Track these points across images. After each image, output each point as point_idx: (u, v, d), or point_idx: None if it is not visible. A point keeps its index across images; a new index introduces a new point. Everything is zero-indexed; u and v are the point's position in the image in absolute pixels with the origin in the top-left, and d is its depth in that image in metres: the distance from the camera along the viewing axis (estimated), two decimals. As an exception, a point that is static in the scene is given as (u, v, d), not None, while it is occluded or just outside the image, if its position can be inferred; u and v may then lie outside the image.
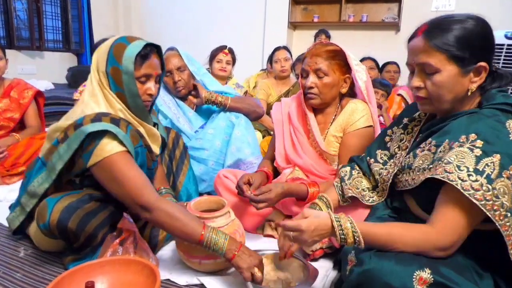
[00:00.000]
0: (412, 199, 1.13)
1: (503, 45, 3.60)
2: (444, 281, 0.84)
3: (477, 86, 1.00)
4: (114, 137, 1.20)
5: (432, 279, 0.84)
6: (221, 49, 2.99)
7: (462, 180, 0.87)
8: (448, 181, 0.88)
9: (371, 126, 1.56)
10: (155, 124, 1.49)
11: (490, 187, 0.86)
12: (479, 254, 0.96)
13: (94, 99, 1.30)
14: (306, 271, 1.21)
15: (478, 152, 0.89)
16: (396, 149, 1.24)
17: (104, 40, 1.40)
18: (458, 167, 0.89)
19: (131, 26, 5.90)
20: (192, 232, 1.19)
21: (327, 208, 1.29)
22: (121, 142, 1.21)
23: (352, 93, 1.66)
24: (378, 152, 1.29)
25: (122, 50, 1.28)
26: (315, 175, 1.60)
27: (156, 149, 1.45)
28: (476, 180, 0.87)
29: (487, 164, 0.87)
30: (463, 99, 1.03)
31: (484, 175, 0.87)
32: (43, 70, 4.85)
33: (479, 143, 0.89)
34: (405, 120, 1.26)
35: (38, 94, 2.58)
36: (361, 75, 1.59)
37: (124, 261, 1.13)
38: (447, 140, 0.96)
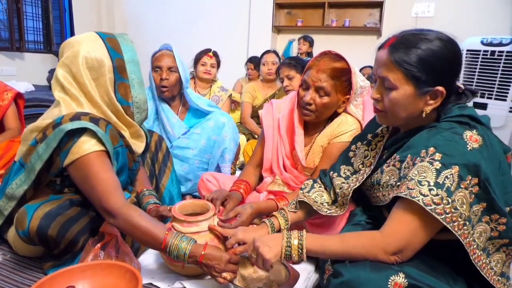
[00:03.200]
0: (386, 211, 1.15)
1: (479, 51, 3.70)
2: (418, 284, 0.87)
3: (432, 109, 1.01)
4: (93, 135, 1.20)
5: (407, 282, 0.87)
6: (205, 52, 3.00)
7: (424, 196, 0.90)
8: (411, 198, 0.91)
9: None
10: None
11: (450, 199, 0.89)
12: (454, 261, 0.99)
13: (74, 101, 1.29)
14: (288, 274, 1.22)
15: (437, 165, 0.91)
16: (360, 166, 1.26)
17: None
18: (420, 182, 0.91)
19: (114, 27, 5.84)
20: (154, 240, 1.17)
21: (285, 221, 1.29)
22: (100, 141, 1.21)
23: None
24: (342, 167, 1.31)
25: (116, 42, 1.34)
26: (293, 188, 1.62)
27: (138, 148, 1.45)
28: (437, 194, 0.89)
29: (446, 177, 0.90)
30: (418, 117, 1.04)
31: (445, 188, 0.89)
32: (23, 72, 4.75)
33: (438, 156, 0.91)
34: (369, 136, 1.27)
35: (18, 96, 2.53)
36: (364, 94, 1.57)
37: (105, 265, 1.13)
38: (409, 155, 0.98)
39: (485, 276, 0.93)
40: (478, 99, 3.73)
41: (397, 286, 0.86)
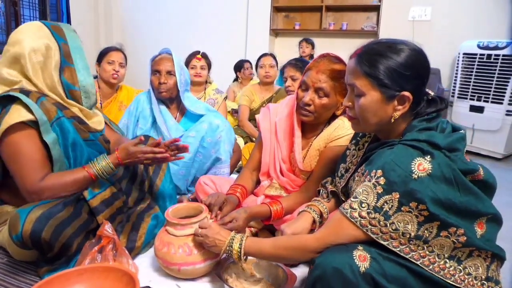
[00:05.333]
0: None
1: (475, 54, 3.73)
2: (377, 251, 0.96)
3: (400, 114, 1.05)
4: (23, 104, 1.26)
5: (368, 254, 0.94)
6: (194, 55, 2.96)
7: (361, 217, 0.97)
8: (351, 218, 0.98)
9: None
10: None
11: (387, 222, 0.95)
12: None
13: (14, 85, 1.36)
14: (285, 277, 1.23)
15: (380, 189, 0.95)
16: (349, 164, 1.30)
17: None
18: (361, 203, 0.97)
19: (112, 31, 5.85)
20: (84, 181, 1.33)
21: (317, 215, 1.35)
22: (29, 111, 1.25)
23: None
24: (341, 166, 1.35)
25: (61, 29, 1.42)
26: (290, 192, 1.63)
27: (95, 125, 1.52)
28: (374, 218, 0.96)
29: (386, 202, 0.94)
30: (389, 123, 1.07)
31: (382, 212, 0.95)
32: (20, 75, 4.75)
33: (382, 180, 0.95)
34: (358, 137, 1.32)
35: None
36: None
37: (103, 268, 1.13)
38: (367, 170, 1.02)
39: (451, 282, 0.95)
40: (474, 103, 3.76)
41: (362, 258, 0.94)
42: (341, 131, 1.53)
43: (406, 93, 1.01)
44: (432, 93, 1.08)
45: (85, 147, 1.42)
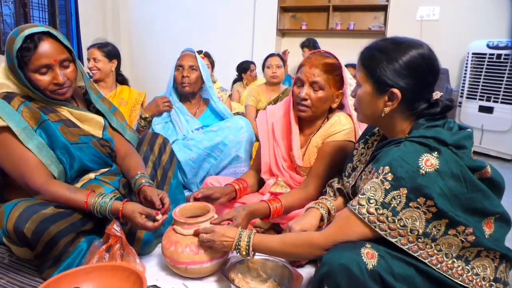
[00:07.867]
0: None
1: (485, 54, 3.69)
2: (385, 249, 0.95)
3: (390, 110, 1.06)
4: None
5: (376, 252, 0.94)
6: None
7: (370, 214, 0.97)
8: (358, 214, 0.98)
9: (351, 141, 1.54)
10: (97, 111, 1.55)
11: (395, 218, 0.94)
12: None
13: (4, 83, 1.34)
14: (291, 277, 1.23)
15: (387, 185, 0.95)
16: (357, 163, 1.30)
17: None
18: (369, 199, 0.97)
19: (119, 31, 5.88)
20: (76, 203, 1.27)
21: (326, 212, 1.37)
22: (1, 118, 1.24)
23: (341, 107, 1.68)
24: (348, 165, 1.36)
25: (11, 44, 1.26)
26: (294, 189, 1.64)
27: (91, 131, 1.48)
28: (382, 214, 0.96)
29: (394, 197, 0.95)
30: (382, 118, 1.08)
31: (390, 208, 0.95)
32: (30, 75, 4.79)
33: (389, 176, 0.95)
34: (367, 135, 1.32)
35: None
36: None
37: (110, 267, 1.14)
38: (374, 168, 1.02)
39: (459, 282, 0.95)
40: (484, 103, 3.72)
41: (370, 255, 0.93)
42: (337, 126, 1.56)
43: (395, 90, 1.02)
44: (435, 96, 1.06)
45: (74, 151, 1.37)
